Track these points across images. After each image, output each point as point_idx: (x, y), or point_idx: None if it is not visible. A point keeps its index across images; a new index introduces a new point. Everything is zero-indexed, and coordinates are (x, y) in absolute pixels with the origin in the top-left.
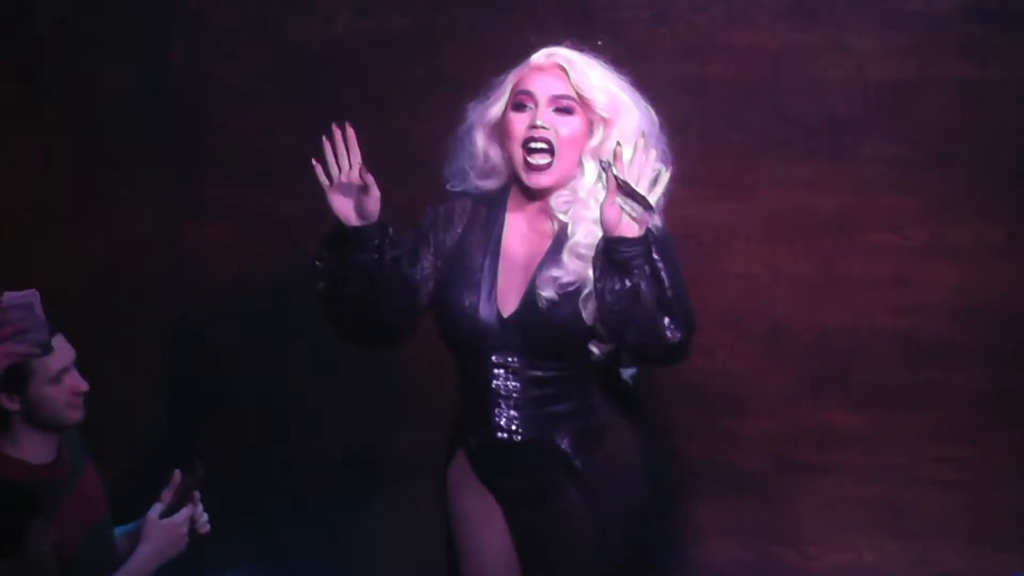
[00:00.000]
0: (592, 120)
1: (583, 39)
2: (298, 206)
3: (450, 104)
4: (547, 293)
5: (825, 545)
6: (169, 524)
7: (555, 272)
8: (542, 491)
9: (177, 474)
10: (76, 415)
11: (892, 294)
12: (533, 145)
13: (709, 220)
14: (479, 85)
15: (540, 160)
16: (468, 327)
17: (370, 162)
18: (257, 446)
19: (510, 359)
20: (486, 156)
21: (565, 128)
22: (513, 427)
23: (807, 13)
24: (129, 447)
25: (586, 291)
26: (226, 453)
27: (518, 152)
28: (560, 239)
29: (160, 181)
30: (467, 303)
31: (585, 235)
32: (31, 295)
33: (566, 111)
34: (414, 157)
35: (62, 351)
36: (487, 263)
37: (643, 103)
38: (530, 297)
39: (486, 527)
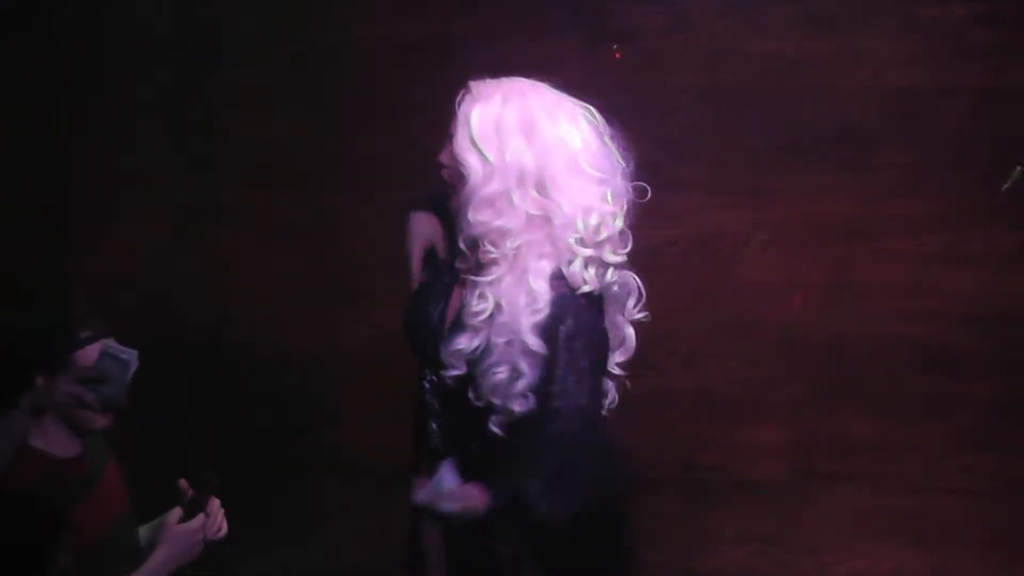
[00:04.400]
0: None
1: (598, 45)
2: (313, 212)
3: None
4: (455, 370)
5: (841, 553)
6: (186, 529)
7: (460, 343)
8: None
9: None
10: (103, 420)
11: (907, 302)
12: None
13: (724, 228)
14: None
15: None
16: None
17: (385, 168)
18: (272, 451)
19: (431, 375)
20: None
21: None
22: (437, 441)
23: (823, 21)
24: (146, 452)
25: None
26: (241, 457)
27: None
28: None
29: (172, 188)
30: (417, 310)
31: (477, 303)
32: (131, 355)
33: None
34: (429, 163)
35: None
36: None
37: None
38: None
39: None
